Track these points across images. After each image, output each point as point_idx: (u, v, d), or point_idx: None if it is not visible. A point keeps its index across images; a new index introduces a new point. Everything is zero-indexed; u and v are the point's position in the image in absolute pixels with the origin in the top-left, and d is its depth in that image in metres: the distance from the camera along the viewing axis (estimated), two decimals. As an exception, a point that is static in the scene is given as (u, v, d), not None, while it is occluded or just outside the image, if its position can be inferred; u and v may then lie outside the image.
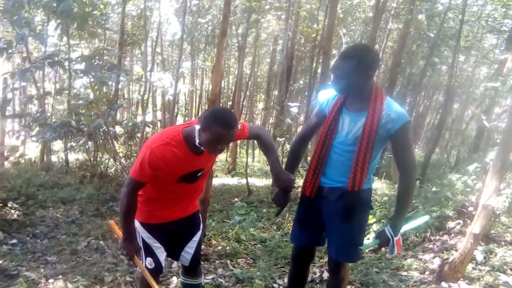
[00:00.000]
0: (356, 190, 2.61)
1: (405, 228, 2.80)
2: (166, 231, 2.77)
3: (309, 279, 4.16)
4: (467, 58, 15.47)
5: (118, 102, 9.31)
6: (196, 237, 2.93)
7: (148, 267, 2.72)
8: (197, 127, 2.39)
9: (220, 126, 2.29)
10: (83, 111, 7.56)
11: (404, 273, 4.51)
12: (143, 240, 2.74)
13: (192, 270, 3.03)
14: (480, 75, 17.25)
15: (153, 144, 2.43)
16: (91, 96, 7.38)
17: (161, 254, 2.78)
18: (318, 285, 4.05)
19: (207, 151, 2.47)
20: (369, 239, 5.34)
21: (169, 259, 4.42)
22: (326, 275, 4.09)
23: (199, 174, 2.66)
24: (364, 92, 2.55)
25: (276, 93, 13.88)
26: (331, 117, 2.68)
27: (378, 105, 2.51)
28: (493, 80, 9.50)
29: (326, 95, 2.79)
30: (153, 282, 2.55)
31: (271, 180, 8.31)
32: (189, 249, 2.90)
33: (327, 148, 2.70)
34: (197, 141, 2.41)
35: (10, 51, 5.50)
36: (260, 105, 20.07)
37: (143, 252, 2.75)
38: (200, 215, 3.05)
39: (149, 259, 2.73)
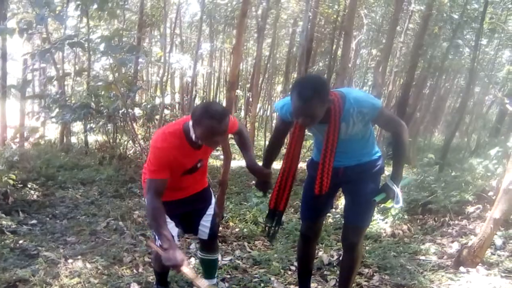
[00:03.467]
0: (323, 193, 2.79)
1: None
2: (177, 207, 2.88)
3: (326, 261, 4.17)
4: (490, 40, 15.11)
5: (137, 84, 9.34)
6: (210, 211, 3.07)
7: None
8: (191, 123, 2.50)
9: (211, 119, 2.39)
10: (103, 92, 7.61)
11: (422, 257, 4.48)
12: None
13: (209, 244, 3.17)
14: (503, 58, 16.86)
15: (158, 144, 2.58)
16: (111, 77, 7.42)
17: (173, 229, 2.89)
18: (335, 268, 4.04)
19: (205, 144, 2.60)
20: (387, 223, 5.32)
21: (187, 240, 4.51)
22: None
23: (199, 165, 2.81)
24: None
25: (295, 75, 13.77)
26: (296, 133, 2.83)
27: (338, 116, 2.60)
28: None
29: (283, 105, 2.84)
30: (193, 276, 2.52)
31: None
32: (205, 223, 3.04)
33: (296, 159, 2.93)
34: (193, 136, 2.52)
35: (30, 32, 5.51)
36: (279, 88, 19.98)
37: (160, 238, 2.78)
38: (211, 190, 3.18)
39: None
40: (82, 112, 7.39)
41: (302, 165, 6.20)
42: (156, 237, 2.73)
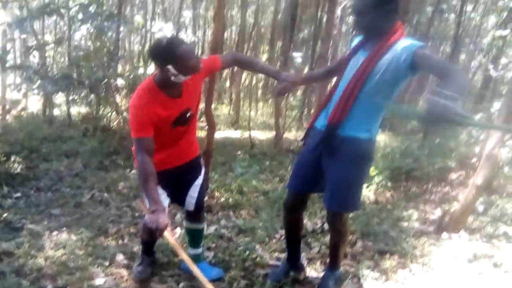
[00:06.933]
0: (335, 122, 2.58)
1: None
2: (168, 177, 2.84)
3: (310, 229, 4.21)
4: (476, 6, 15.05)
5: (119, 53, 9.16)
6: (199, 181, 3.04)
7: None
8: (165, 69, 2.47)
9: (176, 46, 2.43)
10: (84, 63, 7.47)
11: (405, 224, 4.55)
12: None
13: (196, 215, 3.15)
14: (488, 24, 16.83)
15: (135, 102, 2.55)
16: (92, 47, 7.28)
17: (165, 200, 2.85)
18: (319, 235, 4.08)
19: (192, 73, 2.55)
20: (370, 190, 5.37)
21: (172, 211, 4.51)
22: (327, 226, 4.12)
23: (188, 115, 2.75)
24: (381, 32, 2.48)
25: (280, 43, 13.64)
26: (347, 56, 2.70)
27: (384, 47, 2.43)
28: (502, 28, 9.29)
29: (355, 41, 2.74)
30: (182, 253, 2.45)
31: (274, 132, 8.26)
32: (193, 193, 3.01)
33: (334, 88, 2.72)
34: (179, 78, 2.50)
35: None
36: (264, 56, 19.81)
37: (147, 200, 2.78)
38: (201, 160, 3.15)
39: None
40: (63, 83, 7.25)
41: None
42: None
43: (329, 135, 2.63)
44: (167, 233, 2.44)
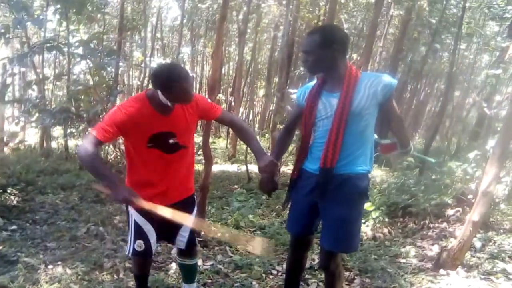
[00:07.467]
0: (328, 167, 2.57)
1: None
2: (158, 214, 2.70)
3: (307, 265, 4.17)
4: (469, 45, 15.35)
5: (118, 88, 9.26)
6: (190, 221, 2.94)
7: (137, 250, 2.77)
8: (158, 91, 2.52)
9: (174, 81, 2.47)
10: (83, 97, 7.54)
11: (403, 260, 4.52)
12: (135, 223, 2.77)
13: (187, 252, 3.10)
14: (482, 62, 17.14)
15: (119, 104, 2.60)
16: (91, 82, 7.36)
17: (152, 236, 2.81)
18: (316, 271, 4.05)
19: (180, 104, 2.62)
20: (368, 226, 5.36)
21: (168, 245, 4.48)
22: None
23: (171, 141, 2.68)
24: (336, 71, 2.57)
25: (277, 79, 13.83)
26: (309, 102, 2.71)
27: (352, 84, 2.52)
28: (495, 67, 9.46)
29: (302, 89, 2.84)
30: (151, 206, 2.47)
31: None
32: (184, 233, 2.95)
33: (309, 132, 2.75)
34: (166, 102, 2.55)
35: (7, 36, 5.44)
36: (261, 92, 20.00)
37: (133, 235, 2.77)
38: (195, 198, 3.08)
39: (138, 242, 2.77)
40: (62, 116, 7.30)
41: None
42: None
43: (325, 178, 2.62)
44: (138, 201, 2.44)
